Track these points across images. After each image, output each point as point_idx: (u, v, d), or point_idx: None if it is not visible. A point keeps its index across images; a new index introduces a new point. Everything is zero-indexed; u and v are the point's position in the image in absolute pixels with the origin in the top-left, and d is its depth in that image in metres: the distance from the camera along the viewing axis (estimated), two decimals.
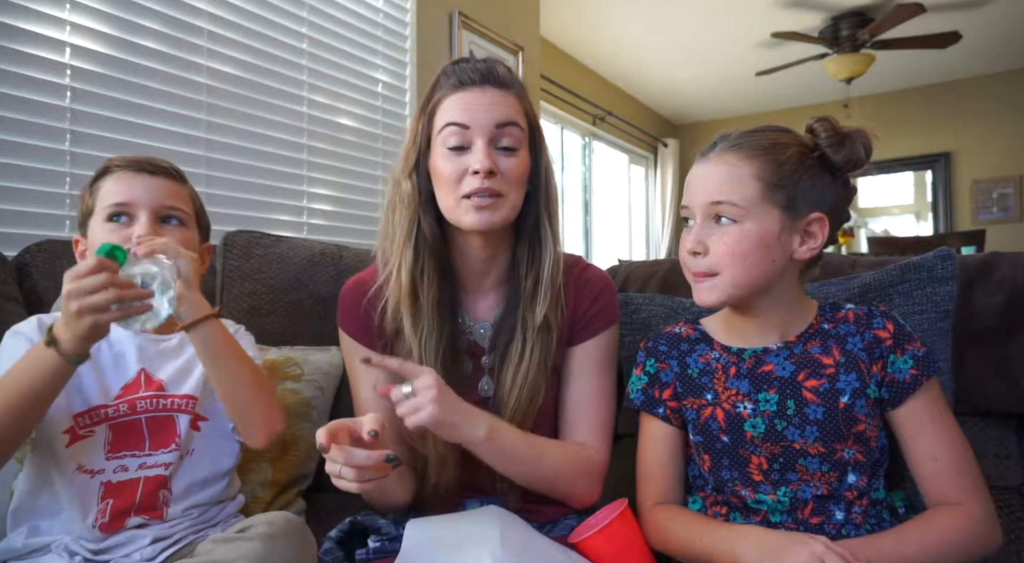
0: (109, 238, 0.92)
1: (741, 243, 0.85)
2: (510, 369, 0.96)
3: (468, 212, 0.91)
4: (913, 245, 3.63)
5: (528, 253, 0.98)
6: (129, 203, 0.95)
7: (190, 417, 0.97)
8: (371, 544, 0.92)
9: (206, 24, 1.79)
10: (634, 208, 6.00)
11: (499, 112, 0.92)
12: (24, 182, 1.42)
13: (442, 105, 0.94)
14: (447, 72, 0.96)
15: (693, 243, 0.87)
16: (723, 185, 0.86)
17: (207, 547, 0.71)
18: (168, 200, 0.98)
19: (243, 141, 1.88)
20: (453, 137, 0.91)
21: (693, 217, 0.89)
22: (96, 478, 0.89)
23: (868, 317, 0.91)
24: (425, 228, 0.95)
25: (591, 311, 1.02)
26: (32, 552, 0.86)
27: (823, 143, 0.88)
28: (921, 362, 0.87)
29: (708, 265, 0.87)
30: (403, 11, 2.43)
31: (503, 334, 0.98)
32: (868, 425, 0.86)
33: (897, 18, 3.95)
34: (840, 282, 1.09)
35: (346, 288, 1.03)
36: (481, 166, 0.89)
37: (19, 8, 1.42)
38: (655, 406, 0.98)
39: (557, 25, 4.31)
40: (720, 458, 0.91)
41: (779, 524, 0.86)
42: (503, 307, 1.01)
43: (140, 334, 0.99)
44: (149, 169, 0.97)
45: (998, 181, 5.42)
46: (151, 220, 0.95)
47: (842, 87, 4.90)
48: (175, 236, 0.96)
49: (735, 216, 0.85)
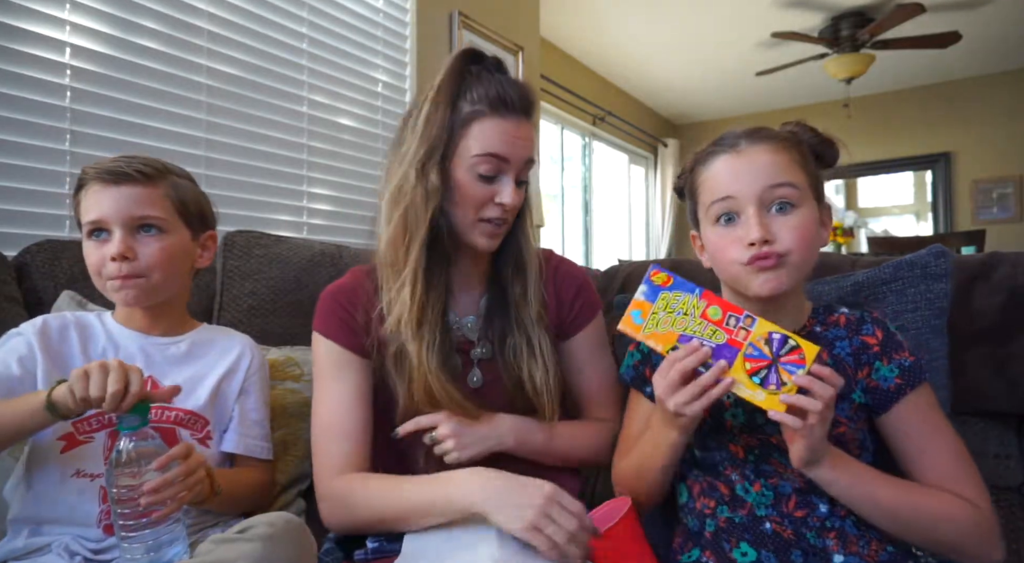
0: (90, 258, 0.95)
1: (807, 227, 0.84)
2: (526, 360, 1.00)
3: (483, 236, 0.96)
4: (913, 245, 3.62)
5: (513, 260, 1.02)
6: (102, 220, 0.93)
7: (191, 432, 0.97)
8: (369, 544, 0.93)
9: (206, 24, 1.79)
10: (634, 208, 6.00)
11: (529, 149, 0.96)
12: (24, 182, 1.42)
13: (481, 125, 0.92)
14: (474, 75, 0.94)
15: (763, 232, 0.82)
16: (777, 169, 0.84)
17: (207, 547, 0.71)
18: (138, 210, 0.94)
19: (243, 141, 1.88)
20: (489, 167, 0.93)
21: (740, 210, 0.85)
22: (96, 482, 0.89)
23: (859, 323, 0.91)
24: (443, 231, 0.95)
25: (575, 306, 1.07)
26: (33, 552, 0.86)
27: (811, 143, 0.90)
28: (907, 372, 0.86)
29: (780, 251, 0.83)
30: (403, 11, 2.43)
31: (495, 327, 1.01)
32: (849, 428, 0.86)
33: (897, 18, 3.95)
34: (834, 281, 1.09)
35: (328, 294, 1.02)
36: (510, 203, 0.94)
37: (19, 8, 1.42)
38: (644, 385, 0.99)
39: (557, 25, 4.31)
40: (705, 440, 0.92)
41: (765, 518, 0.86)
42: (487, 299, 1.04)
43: (147, 337, 0.99)
44: (113, 179, 0.93)
45: (998, 181, 5.42)
46: (125, 236, 0.93)
47: (842, 87, 4.90)
48: (151, 247, 0.94)
49: (795, 200, 0.84)
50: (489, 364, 1.02)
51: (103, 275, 0.94)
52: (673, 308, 0.80)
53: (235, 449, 1.03)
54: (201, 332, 1.06)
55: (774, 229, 0.83)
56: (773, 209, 0.84)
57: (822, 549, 0.82)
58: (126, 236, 0.93)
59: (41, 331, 0.93)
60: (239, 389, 1.05)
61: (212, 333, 1.08)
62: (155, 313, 1.01)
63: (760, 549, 0.84)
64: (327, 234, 2.12)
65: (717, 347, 0.78)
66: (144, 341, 0.99)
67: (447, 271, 0.98)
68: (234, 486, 0.97)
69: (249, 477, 1.03)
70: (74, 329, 0.96)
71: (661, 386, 0.79)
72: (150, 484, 0.78)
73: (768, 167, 0.84)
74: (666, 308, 0.81)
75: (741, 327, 0.78)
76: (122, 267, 0.93)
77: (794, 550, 0.83)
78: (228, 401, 1.04)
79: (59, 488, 0.89)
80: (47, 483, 0.89)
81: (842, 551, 0.82)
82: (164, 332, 1.01)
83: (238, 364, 1.06)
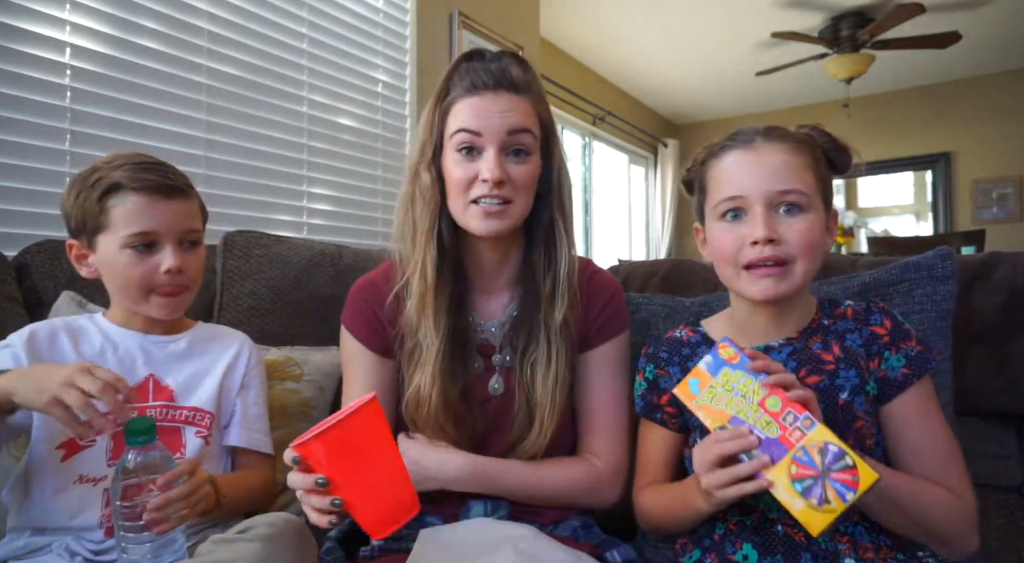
0: (133, 269, 0.93)
1: (813, 232, 0.84)
2: (540, 371, 0.96)
3: (476, 218, 0.92)
4: (913, 245, 3.62)
5: (544, 256, 0.98)
6: (154, 232, 0.94)
7: (197, 429, 0.97)
8: (374, 542, 0.93)
9: (206, 24, 1.79)
10: (634, 208, 6.00)
11: (511, 119, 0.92)
12: (24, 182, 1.42)
13: (455, 107, 0.93)
14: (461, 70, 0.95)
15: (768, 231, 0.82)
16: (788, 173, 0.84)
17: (208, 547, 0.71)
18: (187, 224, 0.97)
19: (243, 141, 1.88)
20: (465, 143, 0.92)
21: (748, 208, 0.85)
22: (99, 485, 0.89)
23: (866, 314, 0.91)
24: (443, 224, 0.95)
25: (601, 318, 1.02)
26: (33, 552, 0.86)
27: (826, 148, 0.89)
28: (914, 361, 0.87)
29: (782, 255, 0.83)
30: (403, 11, 2.43)
31: (521, 335, 0.98)
32: (866, 422, 0.86)
33: (897, 18, 3.95)
34: (840, 281, 1.09)
35: (356, 287, 1.04)
36: (491, 175, 0.90)
37: (19, 8, 1.42)
38: (653, 412, 0.98)
39: (557, 25, 4.31)
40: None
41: (776, 520, 0.86)
42: (516, 307, 1.01)
43: (147, 336, 0.99)
44: (167, 193, 0.95)
45: (998, 181, 5.42)
46: (177, 249, 0.95)
47: (842, 87, 4.90)
48: (196, 259, 0.99)
49: (804, 204, 0.84)
50: (510, 372, 1.00)
51: (151, 286, 0.94)
52: (733, 387, 0.76)
53: (239, 443, 1.04)
54: (198, 330, 1.07)
55: (780, 229, 0.83)
56: (781, 210, 0.84)
57: (833, 553, 0.82)
58: (178, 250, 0.95)
59: (28, 342, 0.91)
60: (240, 384, 1.06)
61: (208, 330, 1.09)
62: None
63: (768, 553, 0.84)
64: (327, 234, 2.12)
65: (766, 439, 0.73)
66: (143, 339, 0.99)
67: (464, 268, 0.99)
68: (238, 492, 0.97)
69: (252, 479, 1.03)
70: (64, 334, 0.95)
71: (698, 460, 0.78)
72: (153, 502, 0.78)
73: (780, 168, 0.84)
74: (725, 385, 0.77)
75: (798, 427, 0.73)
76: (175, 279, 0.94)
77: (804, 554, 0.82)
78: (231, 396, 1.05)
79: (61, 496, 0.88)
80: (48, 492, 0.88)
81: (853, 555, 0.81)
82: (162, 331, 1.02)
83: (238, 359, 1.07)
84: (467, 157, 0.92)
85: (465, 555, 0.81)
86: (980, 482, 1.09)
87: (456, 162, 0.93)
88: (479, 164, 0.91)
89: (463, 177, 0.92)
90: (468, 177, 0.92)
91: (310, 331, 1.39)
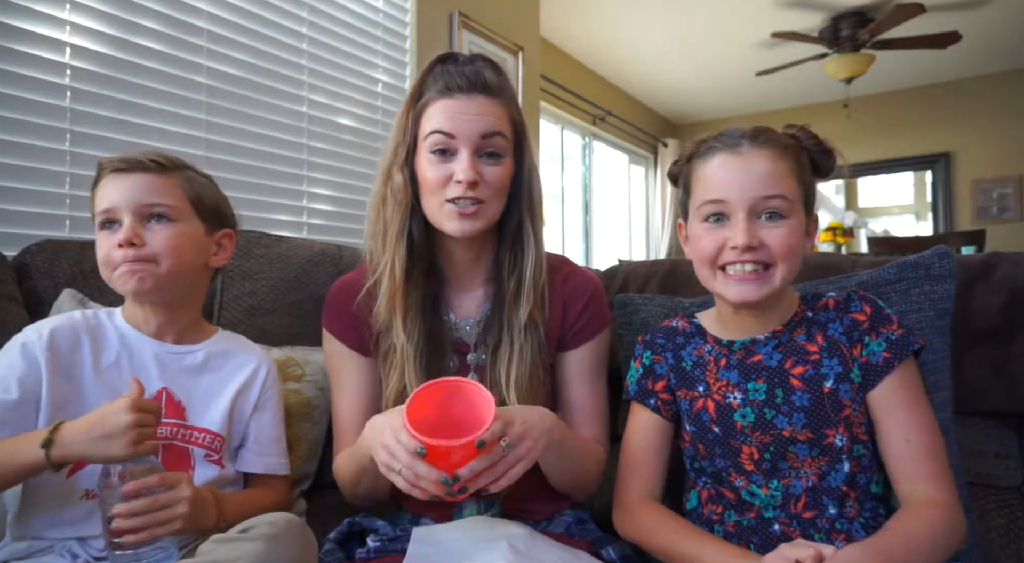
0: (99, 248, 0.92)
1: (793, 237, 0.85)
2: (502, 370, 0.97)
3: (450, 218, 0.94)
4: (913, 245, 3.62)
5: (511, 256, 1.00)
6: (113, 209, 0.91)
7: (207, 453, 0.96)
8: (371, 544, 0.93)
9: (206, 24, 1.79)
10: (634, 208, 6.00)
11: (484, 122, 0.93)
12: (24, 182, 1.42)
13: (429, 109, 0.95)
14: (435, 72, 0.96)
15: (749, 237, 0.84)
16: (771, 179, 0.85)
17: (209, 547, 0.71)
18: (148, 197, 0.91)
19: (243, 141, 1.88)
20: (439, 144, 0.93)
21: (730, 212, 0.86)
22: None
23: (847, 302, 0.92)
24: (414, 225, 0.97)
25: (583, 318, 1.03)
26: (35, 553, 0.86)
27: (812, 150, 0.90)
28: (895, 344, 0.87)
29: (763, 259, 0.85)
30: (403, 11, 2.43)
31: (491, 334, 1.00)
32: (853, 410, 0.86)
33: (897, 18, 3.95)
34: (837, 281, 1.09)
35: (334, 289, 1.06)
36: (465, 177, 0.91)
37: (19, 8, 1.41)
38: (647, 397, 0.99)
39: (557, 25, 4.31)
40: (713, 448, 0.92)
41: (773, 519, 0.86)
42: (489, 305, 1.02)
43: (162, 345, 0.97)
44: (126, 167, 0.92)
45: (998, 181, 5.42)
46: (134, 223, 0.90)
47: (842, 87, 4.90)
48: (160, 234, 0.91)
49: (785, 211, 0.85)
50: (484, 371, 1.01)
51: (110, 264, 0.91)
52: None
53: (253, 469, 1.01)
54: (217, 342, 1.03)
55: (761, 234, 0.84)
56: (763, 217, 0.85)
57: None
58: (135, 223, 0.90)
59: (49, 346, 0.88)
60: (254, 405, 1.03)
61: (228, 343, 1.05)
62: (167, 314, 0.97)
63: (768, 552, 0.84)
64: (327, 234, 2.12)
65: None
66: (159, 348, 0.96)
67: (439, 267, 1.01)
68: (246, 510, 0.92)
69: (264, 499, 0.99)
70: (85, 335, 0.93)
71: None
72: (116, 508, 0.77)
73: (764, 175, 0.85)
74: None
75: None
76: (128, 253, 0.89)
77: None
78: (243, 417, 1.02)
79: (65, 511, 0.87)
80: (52, 506, 0.87)
81: None
82: (178, 338, 0.98)
83: (254, 379, 1.03)
84: (441, 158, 0.93)
85: (462, 554, 0.81)
86: (980, 482, 1.09)
87: (430, 163, 0.94)
88: (453, 165, 0.93)
89: (437, 178, 0.93)
90: (442, 178, 0.93)
91: (310, 331, 1.39)
